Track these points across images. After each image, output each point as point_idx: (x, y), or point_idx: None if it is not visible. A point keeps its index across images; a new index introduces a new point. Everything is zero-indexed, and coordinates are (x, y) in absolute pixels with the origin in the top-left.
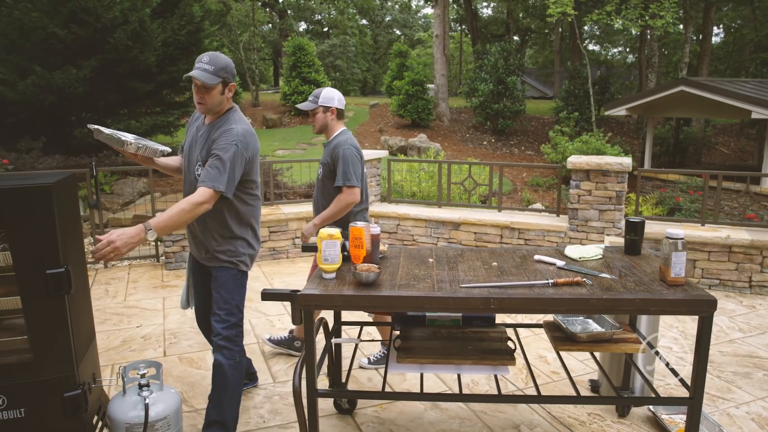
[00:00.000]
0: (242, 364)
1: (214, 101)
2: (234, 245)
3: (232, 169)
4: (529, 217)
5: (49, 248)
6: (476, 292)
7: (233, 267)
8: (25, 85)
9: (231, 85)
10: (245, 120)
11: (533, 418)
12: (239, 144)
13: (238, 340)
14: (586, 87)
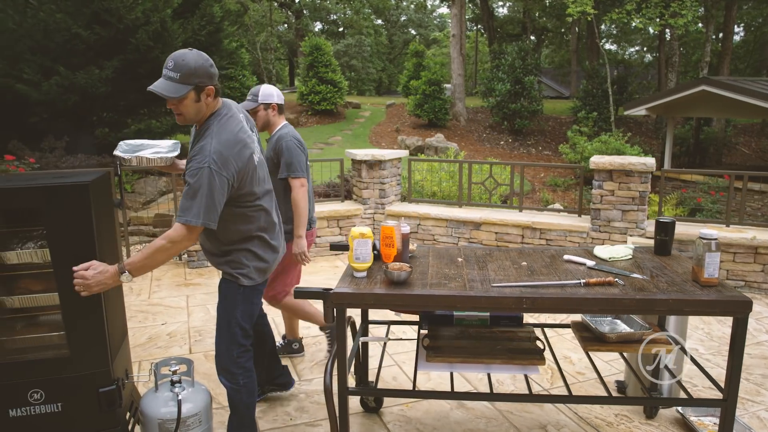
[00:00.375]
0: (249, 386)
1: (190, 112)
2: (236, 257)
3: (208, 197)
4: (551, 217)
5: (87, 246)
6: (508, 291)
7: (233, 280)
8: (48, 86)
9: (207, 89)
10: (229, 126)
11: (560, 418)
12: (212, 165)
13: (241, 360)
14: (604, 86)
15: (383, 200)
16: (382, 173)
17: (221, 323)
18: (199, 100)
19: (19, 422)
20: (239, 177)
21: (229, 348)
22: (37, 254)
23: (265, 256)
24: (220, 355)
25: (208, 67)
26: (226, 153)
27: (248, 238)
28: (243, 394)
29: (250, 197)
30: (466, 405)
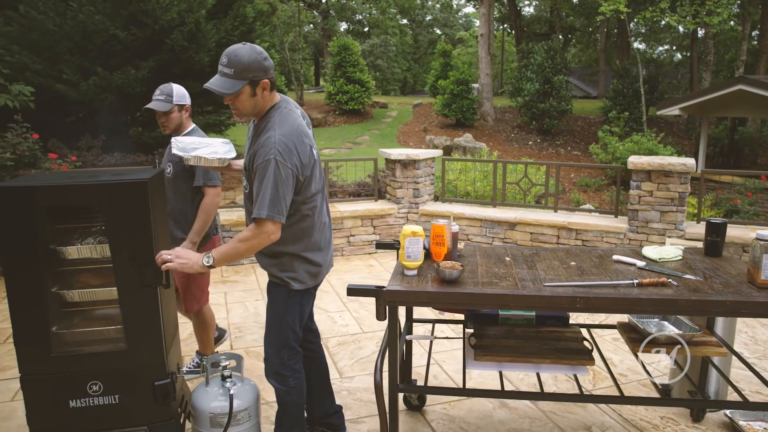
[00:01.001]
0: (299, 387)
1: (246, 107)
2: (286, 260)
3: (273, 189)
4: (586, 217)
5: (144, 241)
6: (561, 291)
7: (283, 285)
8: (87, 86)
9: (263, 82)
10: (290, 119)
11: (604, 419)
12: (278, 156)
13: (290, 363)
14: (635, 86)
15: (417, 200)
16: (416, 173)
17: (271, 326)
18: (255, 95)
19: (78, 413)
20: (303, 170)
21: (279, 351)
22: (96, 249)
23: (316, 258)
24: (270, 358)
25: (261, 60)
26: (290, 144)
27: (300, 238)
28: (293, 395)
29: (308, 194)
30: (509, 405)
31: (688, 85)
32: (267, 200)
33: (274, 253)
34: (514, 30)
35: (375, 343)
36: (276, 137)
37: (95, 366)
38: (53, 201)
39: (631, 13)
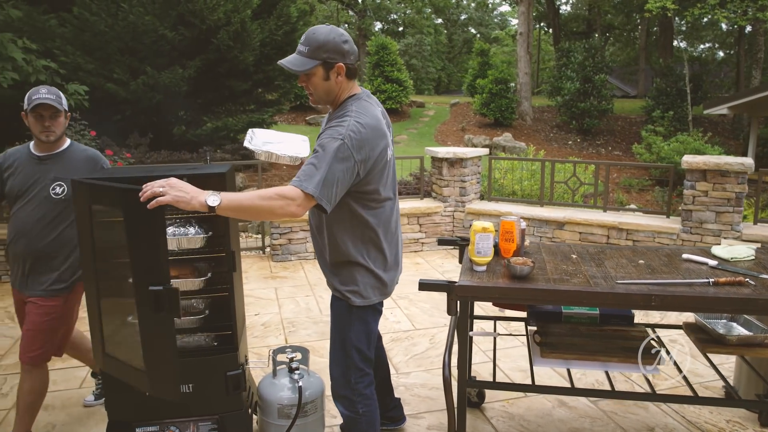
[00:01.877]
0: (368, 415)
1: (319, 90)
2: (346, 271)
3: (330, 170)
4: (637, 217)
5: (223, 232)
6: (635, 288)
7: (343, 299)
8: (136, 85)
9: (338, 66)
10: (370, 110)
11: (667, 421)
12: (347, 139)
13: (359, 387)
14: (679, 85)
15: (464, 198)
16: (463, 171)
17: (335, 345)
18: (328, 78)
19: (154, 400)
20: (368, 166)
21: (345, 373)
22: (173, 242)
23: (381, 273)
24: (336, 380)
25: (340, 42)
26: (364, 134)
27: (365, 246)
28: (362, 423)
29: (375, 196)
30: (568, 404)
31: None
32: (318, 178)
33: (335, 263)
34: (552, 29)
35: (428, 339)
36: (351, 123)
37: None
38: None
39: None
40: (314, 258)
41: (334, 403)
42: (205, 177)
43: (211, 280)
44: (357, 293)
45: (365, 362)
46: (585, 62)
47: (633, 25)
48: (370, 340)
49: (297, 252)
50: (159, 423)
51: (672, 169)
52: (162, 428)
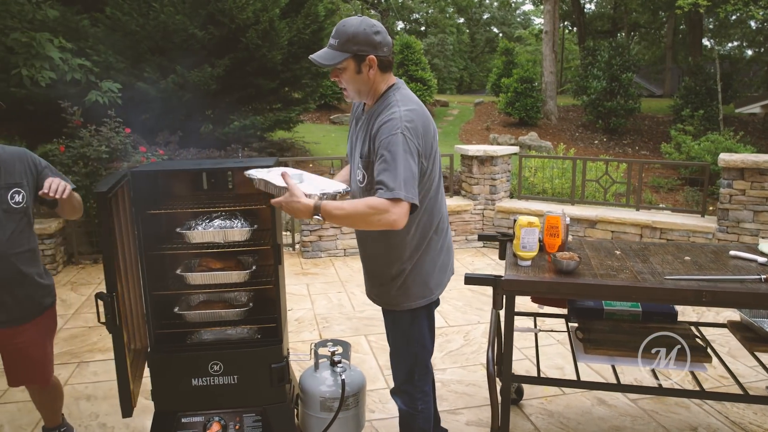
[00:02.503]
0: (426, 412)
1: (352, 84)
2: (406, 279)
3: (407, 169)
4: (671, 216)
5: (269, 226)
6: (684, 284)
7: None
8: (166, 83)
9: (368, 58)
10: (413, 98)
11: (710, 421)
12: (404, 132)
13: (421, 384)
14: (709, 83)
15: (493, 196)
16: (493, 169)
17: (397, 345)
18: (360, 72)
19: (200, 391)
20: (426, 156)
21: (410, 370)
22: (218, 234)
23: (439, 268)
24: (399, 376)
25: (371, 33)
26: (417, 122)
27: (421, 251)
28: (419, 420)
29: (430, 184)
30: (608, 402)
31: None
32: (401, 179)
33: (393, 273)
34: (577, 27)
35: (462, 337)
36: (401, 112)
37: (217, 347)
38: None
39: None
40: (344, 255)
41: (393, 397)
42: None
43: (254, 273)
44: (417, 297)
45: (428, 357)
46: (612, 60)
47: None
48: (433, 332)
49: (327, 249)
50: (204, 413)
51: (707, 167)
52: (207, 419)
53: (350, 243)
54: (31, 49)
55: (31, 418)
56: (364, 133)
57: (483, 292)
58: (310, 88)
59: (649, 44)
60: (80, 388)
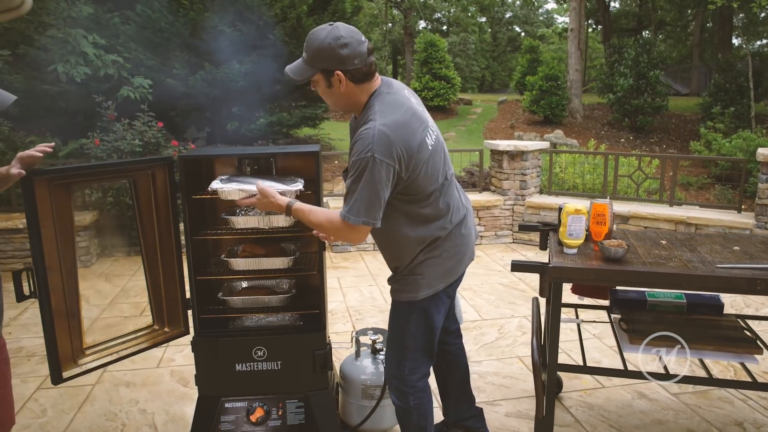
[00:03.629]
0: (420, 408)
1: (327, 97)
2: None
3: (370, 191)
4: (706, 212)
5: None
6: (737, 272)
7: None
8: (194, 80)
9: (336, 73)
10: (394, 104)
11: (756, 417)
12: (376, 153)
13: (411, 379)
14: (739, 81)
15: (524, 191)
16: (523, 164)
17: (391, 335)
18: (331, 86)
19: (243, 376)
20: (408, 167)
21: (399, 363)
22: (263, 220)
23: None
24: (389, 369)
25: (336, 47)
26: (391, 137)
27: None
28: (413, 416)
29: (422, 196)
30: (648, 396)
31: None
32: (363, 205)
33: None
34: (602, 25)
35: (496, 330)
36: (376, 129)
37: (261, 333)
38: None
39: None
40: (374, 249)
41: (389, 392)
42: (299, 155)
43: (297, 260)
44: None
45: (423, 354)
46: (639, 58)
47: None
48: (432, 331)
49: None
50: (247, 399)
51: (744, 162)
52: (250, 404)
53: None
54: (67, 45)
55: (73, 402)
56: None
57: (515, 287)
58: None
59: (675, 42)
60: (119, 375)
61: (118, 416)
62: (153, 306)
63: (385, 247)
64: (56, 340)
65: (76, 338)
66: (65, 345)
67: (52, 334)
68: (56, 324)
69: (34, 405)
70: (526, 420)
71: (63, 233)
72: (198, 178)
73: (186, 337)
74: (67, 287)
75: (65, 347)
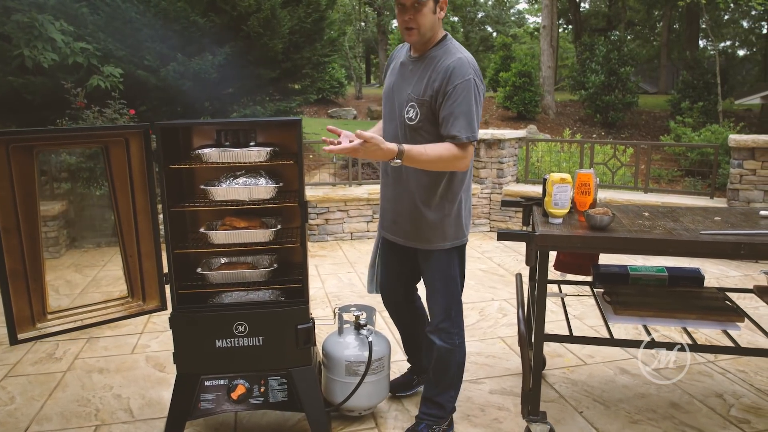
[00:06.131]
0: (462, 348)
1: (426, 23)
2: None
3: (476, 112)
4: (681, 198)
5: (294, 185)
6: (721, 238)
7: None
8: (166, 71)
9: (443, 0)
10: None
11: (735, 388)
12: (474, 78)
13: (457, 319)
14: (706, 77)
15: (501, 180)
16: (500, 152)
17: (435, 286)
18: (436, 12)
19: (223, 353)
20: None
21: (447, 310)
22: (243, 192)
23: (469, 202)
24: (437, 315)
25: None
26: (478, 69)
27: (463, 186)
28: (456, 354)
29: None
30: (630, 371)
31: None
32: (476, 122)
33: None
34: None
35: (477, 312)
36: (467, 59)
37: (242, 307)
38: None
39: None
40: (351, 239)
41: (430, 337)
42: (281, 124)
43: (279, 233)
44: (457, 237)
45: (461, 294)
46: (610, 55)
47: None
48: (464, 270)
49: (334, 232)
50: (228, 376)
51: (716, 148)
52: (230, 381)
53: (357, 227)
54: (33, 30)
55: (43, 389)
56: (420, 76)
57: (494, 272)
58: (311, 79)
59: (643, 42)
60: (92, 362)
61: (91, 402)
62: (128, 280)
63: (437, 184)
64: (11, 301)
65: (37, 302)
66: (23, 307)
67: (7, 294)
68: (11, 284)
69: (1, 393)
70: (510, 396)
71: (25, 197)
72: (175, 147)
73: (161, 323)
74: (27, 249)
75: (23, 309)
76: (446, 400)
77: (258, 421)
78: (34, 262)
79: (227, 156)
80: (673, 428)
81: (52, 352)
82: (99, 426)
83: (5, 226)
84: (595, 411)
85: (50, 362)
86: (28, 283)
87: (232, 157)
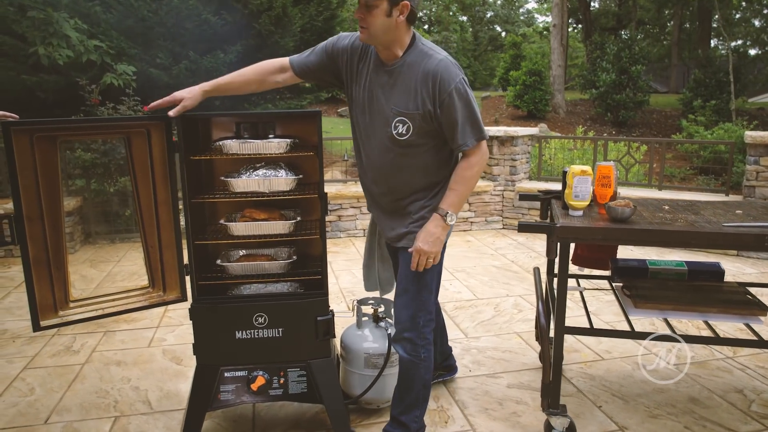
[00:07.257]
0: (427, 363)
1: (377, 25)
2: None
3: (477, 108)
4: (695, 195)
5: (315, 177)
6: (744, 230)
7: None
8: (178, 69)
9: (402, 4)
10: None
11: (755, 384)
12: (460, 75)
13: (425, 330)
14: (719, 76)
15: (513, 177)
16: (513, 150)
17: (407, 287)
18: (390, 15)
19: (243, 344)
20: None
21: (414, 316)
22: (263, 183)
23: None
24: (403, 324)
25: None
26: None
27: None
28: (422, 369)
29: None
30: (648, 367)
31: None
32: (478, 122)
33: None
34: (583, 23)
35: (492, 308)
36: (447, 59)
37: (262, 299)
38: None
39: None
40: (363, 235)
41: (393, 346)
42: (301, 116)
43: (298, 225)
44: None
45: (433, 304)
46: (620, 53)
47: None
48: (440, 278)
49: (347, 229)
50: (247, 367)
51: (732, 145)
52: (250, 373)
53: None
54: (49, 27)
55: (62, 380)
56: (401, 86)
57: (508, 269)
58: None
59: (653, 41)
60: (109, 355)
61: (110, 393)
62: (149, 271)
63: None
64: (34, 288)
65: (60, 289)
66: (45, 294)
67: (30, 281)
68: (35, 272)
69: (21, 384)
70: (528, 390)
71: (48, 186)
72: (195, 139)
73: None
74: (51, 238)
75: (45, 296)
76: (411, 420)
77: (276, 413)
78: (56, 251)
79: (247, 147)
80: (693, 423)
81: (70, 345)
82: (118, 417)
83: (29, 214)
84: (614, 405)
85: (68, 355)
86: (50, 271)
87: (252, 149)
